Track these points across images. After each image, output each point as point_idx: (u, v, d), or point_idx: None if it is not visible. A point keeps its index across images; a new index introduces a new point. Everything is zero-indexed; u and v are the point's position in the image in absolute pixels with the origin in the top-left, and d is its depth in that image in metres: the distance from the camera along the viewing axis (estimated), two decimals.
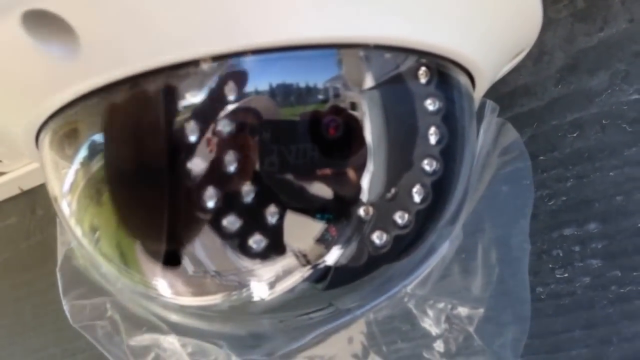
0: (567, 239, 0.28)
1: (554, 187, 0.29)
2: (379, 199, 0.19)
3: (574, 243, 0.28)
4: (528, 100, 0.30)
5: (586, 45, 0.28)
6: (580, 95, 0.28)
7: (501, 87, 0.30)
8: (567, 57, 0.29)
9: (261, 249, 0.19)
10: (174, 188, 0.18)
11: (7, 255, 0.49)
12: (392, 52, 0.19)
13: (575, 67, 0.29)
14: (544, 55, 0.29)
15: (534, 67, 0.29)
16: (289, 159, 0.18)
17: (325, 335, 0.24)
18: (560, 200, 0.29)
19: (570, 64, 0.29)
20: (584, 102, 0.28)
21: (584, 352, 0.28)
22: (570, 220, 0.28)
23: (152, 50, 0.17)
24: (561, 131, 0.29)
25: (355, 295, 0.22)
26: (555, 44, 0.29)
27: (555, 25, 0.29)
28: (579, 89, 0.28)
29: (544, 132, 0.29)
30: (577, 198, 0.28)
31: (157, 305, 0.23)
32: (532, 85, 0.29)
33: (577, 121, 0.28)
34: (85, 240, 0.21)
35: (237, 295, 0.20)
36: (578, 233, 0.28)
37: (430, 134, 0.20)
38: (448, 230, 0.23)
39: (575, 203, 0.28)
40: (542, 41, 0.29)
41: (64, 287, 0.25)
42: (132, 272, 0.21)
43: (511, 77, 0.30)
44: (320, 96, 0.18)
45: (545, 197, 0.29)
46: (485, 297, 0.24)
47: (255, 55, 0.17)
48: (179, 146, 0.18)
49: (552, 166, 0.29)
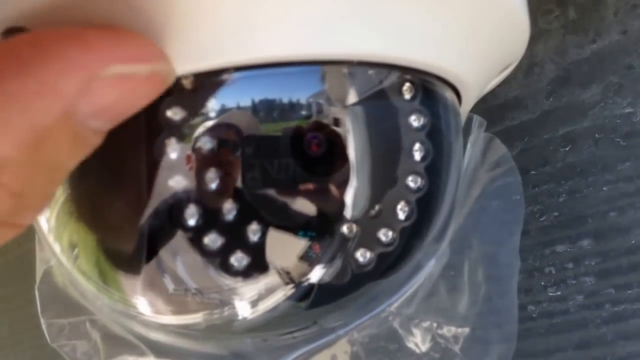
0: (560, 255, 0.28)
1: (546, 203, 0.28)
2: (362, 216, 0.19)
3: (567, 260, 0.28)
4: (519, 113, 0.29)
5: (578, 57, 0.28)
6: (573, 108, 0.28)
7: (491, 100, 0.30)
8: (558, 69, 0.28)
9: (243, 267, 0.18)
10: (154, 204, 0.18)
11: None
12: (376, 69, 0.18)
13: (567, 80, 0.28)
14: (534, 67, 0.29)
15: (524, 80, 0.29)
16: (271, 176, 0.18)
17: (308, 354, 0.23)
18: (552, 216, 0.28)
19: (562, 77, 0.28)
20: (576, 115, 0.28)
21: None
22: (563, 237, 0.28)
23: None
24: (553, 145, 0.28)
25: (339, 314, 0.22)
26: (546, 55, 0.29)
27: (546, 37, 0.29)
28: (571, 101, 0.28)
29: (535, 146, 0.29)
30: (570, 214, 0.28)
31: (138, 323, 0.23)
32: (523, 98, 0.29)
33: (569, 135, 0.28)
34: (63, 257, 0.21)
35: (219, 313, 0.20)
36: (571, 250, 0.28)
37: (414, 150, 0.19)
38: (434, 247, 0.22)
39: (568, 219, 0.28)
40: (532, 53, 0.29)
41: (42, 305, 0.24)
42: (112, 290, 0.21)
43: (501, 89, 0.29)
44: (303, 112, 0.18)
45: (537, 212, 0.28)
46: (472, 315, 0.23)
47: (237, 72, 0.17)
48: (159, 163, 0.17)
49: (544, 181, 0.28)
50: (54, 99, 0.12)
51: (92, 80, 0.13)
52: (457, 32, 0.18)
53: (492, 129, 0.29)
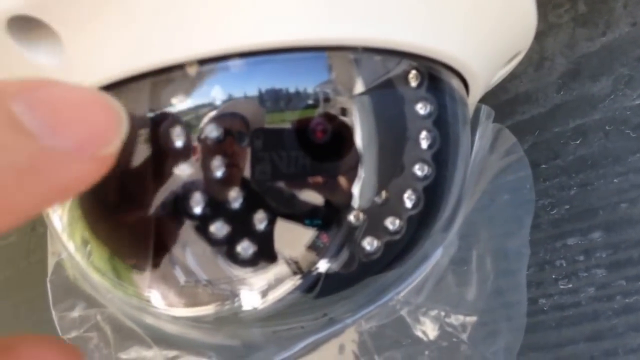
0: (571, 248, 0.28)
1: (557, 196, 0.28)
2: (369, 204, 0.19)
3: (578, 253, 0.27)
4: (529, 107, 0.29)
5: (588, 50, 0.28)
6: (583, 101, 0.28)
7: (501, 94, 0.29)
8: (568, 62, 0.28)
9: (249, 256, 0.18)
10: (161, 194, 0.18)
11: (8, 273, 0.50)
12: (382, 55, 0.18)
13: (577, 73, 0.28)
14: (545, 62, 0.29)
15: (535, 74, 0.29)
16: (277, 165, 0.18)
17: (316, 344, 0.23)
18: (563, 209, 0.28)
19: (572, 70, 0.28)
20: (587, 108, 0.28)
21: None
22: (574, 230, 0.28)
23: (137, 55, 0.16)
24: (564, 138, 0.28)
25: (347, 304, 0.22)
26: (556, 49, 0.28)
27: (556, 30, 0.28)
28: (582, 95, 0.28)
29: (545, 140, 0.29)
30: (581, 206, 0.28)
31: (150, 316, 0.23)
32: (534, 92, 0.29)
33: (579, 128, 0.28)
34: (78, 254, 0.21)
35: (229, 304, 0.20)
36: (582, 242, 0.27)
37: (421, 139, 0.19)
38: (442, 237, 0.22)
39: (579, 212, 0.28)
40: (542, 47, 0.29)
41: (54, 298, 0.25)
42: (126, 285, 0.21)
43: (512, 84, 0.29)
44: (309, 100, 0.18)
45: (548, 206, 0.28)
46: (480, 304, 0.23)
47: (242, 59, 0.17)
48: (165, 152, 0.17)
49: (555, 174, 0.28)
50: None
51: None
52: (466, 18, 0.18)
53: (503, 123, 0.29)
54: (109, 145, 0.13)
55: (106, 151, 0.13)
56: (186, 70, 0.17)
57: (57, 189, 0.13)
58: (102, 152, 0.13)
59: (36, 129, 0.12)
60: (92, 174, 0.13)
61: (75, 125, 0.13)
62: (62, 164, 0.12)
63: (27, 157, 0.12)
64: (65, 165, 0.12)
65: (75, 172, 0.13)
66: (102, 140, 0.13)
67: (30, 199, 0.12)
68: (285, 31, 0.16)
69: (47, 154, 0.12)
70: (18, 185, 0.12)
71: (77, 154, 0.13)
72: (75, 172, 0.13)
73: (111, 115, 0.13)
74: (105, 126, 0.13)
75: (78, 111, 0.13)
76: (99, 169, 0.13)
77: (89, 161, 0.13)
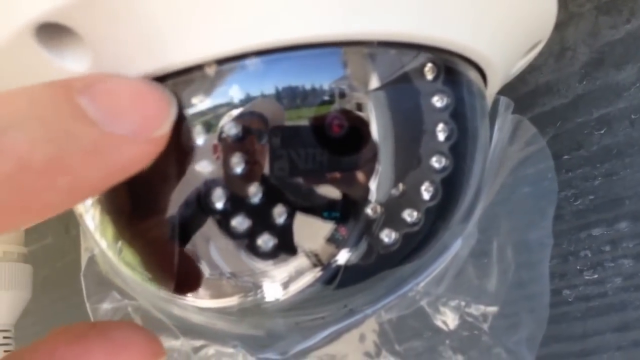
0: (596, 239, 0.28)
1: (580, 187, 0.28)
2: (387, 197, 0.19)
3: (604, 243, 0.27)
4: (550, 98, 0.29)
5: (612, 39, 0.28)
6: (607, 90, 0.28)
7: (522, 86, 0.29)
8: (591, 51, 0.28)
9: (270, 249, 0.19)
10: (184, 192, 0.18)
11: (45, 273, 0.52)
12: (397, 49, 0.18)
13: (601, 62, 0.28)
14: (566, 52, 0.29)
15: (556, 65, 0.29)
16: (295, 160, 0.18)
17: (337, 334, 0.24)
18: (587, 200, 0.28)
19: (596, 59, 0.28)
20: (611, 97, 0.28)
21: (617, 355, 0.27)
22: (599, 220, 0.27)
23: (158, 58, 0.17)
24: (587, 128, 0.28)
25: (367, 295, 0.22)
26: (578, 39, 0.28)
27: (577, 20, 0.28)
28: (606, 84, 0.28)
29: (568, 131, 0.28)
30: (606, 196, 0.27)
31: (178, 308, 0.24)
32: (555, 83, 0.29)
33: (604, 117, 0.28)
34: (109, 251, 0.22)
35: (252, 296, 0.21)
36: (608, 233, 0.27)
37: (438, 131, 0.19)
38: (460, 228, 0.22)
39: (604, 202, 0.27)
40: (563, 37, 0.29)
41: (87, 291, 0.26)
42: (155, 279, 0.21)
43: (532, 76, 0.29)
44: (325, 96, 0.18)
45: (571, 197, 0.28)
46: (500, 295, 0.23)
47: (258, 57, 0.17)
48: (187, 150, 0.18)
49: (578, 165, 0.28)
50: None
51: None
52: (480, 8, 0.18)
53: (524, 115, 0.29)
54: (160, 128, 0.16)
55: (158, 133, 0.15)
56: (205, 71, 0.17)
57: (118, 168, 0.15)
58: (155, 134, 0.15)
59: (98, 117, 0.14)
60: (147, 154, 0.15)
61: (130, 112, 0.15)
62: (121, 146, 0.14)
63: (91, 142, 0.14)
64: (123, 147, 0.14)
65: (133, 152, 0.15)
66: (155, 124, 0.15)
67: (95, 177, 0.14)
68: (300, 28, 0.17)
69: (107, 138, 0.14)
70: (84, 165, 0.14)
71: (134, 137, 0.15)
72: (132, 153, 0.15)
73: (161, 102, 0.16)
74: (157, 112, 0.16)
75: (133, 100, 0.15)
76: (153, 150, 0.15)
77: (144, 143, 0.15)
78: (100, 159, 0.14)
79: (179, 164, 0.18)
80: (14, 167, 0.13)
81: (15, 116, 0.13)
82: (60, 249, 0.52)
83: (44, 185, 0.13)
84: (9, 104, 0.14)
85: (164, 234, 0.20)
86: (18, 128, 0.13)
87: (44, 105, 0.14)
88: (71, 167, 0.14)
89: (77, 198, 0.15)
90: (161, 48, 0.17)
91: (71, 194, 0.14)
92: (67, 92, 0.14)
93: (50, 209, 0.14)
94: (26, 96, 0.14)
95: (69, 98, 0.14)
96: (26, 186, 0.13)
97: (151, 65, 0.17)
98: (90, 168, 0.14)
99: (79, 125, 0.14)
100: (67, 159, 0.13)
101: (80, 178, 0.14)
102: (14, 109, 0.14)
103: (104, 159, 0.14)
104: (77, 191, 0.14)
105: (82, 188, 0.14)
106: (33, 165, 0.13)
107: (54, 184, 0.13)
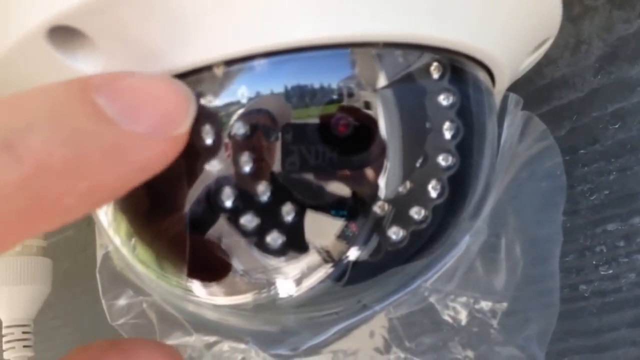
0: (611, 234, 0.27)
1: (596, 181, 0.28)
2: (394, 195, 0.19)
3: (618, 238, 0.27)
4: (566, 92, 0.29)
5: (626, 33, 0.27)
6: (621, 84, 0.27)
7: (538, 80, 0.29)
8: (605, 45, 0.28)
9: (278, 246, 0.19)
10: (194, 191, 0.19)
11: (67, 265, 0.52)
12: (402, 49, 0.19)
13: (614, 56, 0.28)
14: (581, 45, 0.28)
15: (571, 58, 0.29)
16: (304, 158, 0.18)
17: (347, 330, 0.24)
18: (602, 195, 0.28)
19: (610, 53, 0.28)
20: (625, 91, 0.27)
21: (632, 350, 0.27)
22: (614, 215, 0.27)
23: (167, 59, 0.17)
24: (602, 123, 0.28)
25: (378, 291, 0.22)
26: (592, 32, 0.28)
27: (592, 13, 0.28)
28: (620, 78, 0.27)
29: (584, 125, 0.28)
30: (621, 191, 0.27)
31: (193, 305, 0.24)
32: (570, 76, 0.29)
33: (618, 112, 0.27)
34: (123, 248, 0.22)
35: (266, 292, 0.21)
36: (622, 228, 0.27)
37: (445, 129, 0.19)
38: (469, 225, 0.22)
39: (619, 197, 0.27)
40: (578, 30, 0.28)
41: (103, 288, 0.26)
42: (169, 277, 0.22)
43: (548, 69, 0.29)
44: (332, 96, 0.18)
45: (587, 191, 0.28)
46: (509, 291, 0.23)
47: (267, 58, 0.18)
48: (197, 150, 0.18)
49: (594, 159, 0.28)
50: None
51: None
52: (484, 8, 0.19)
53: (540, 109, 0.29)
54: (180, 126, 0.15)
55: (178, 131, 0.15)
56: (214, 71, 0.18)
57: (138, 168, 0.14)
58: (174, 132, 0.15)
59: (117, 116, 0.14)
60: (167, 153, 0.15)
61: (150, 111, 0.15)
62: (141, 145, 0.14)
63: (111, 142, 0.14)
64: (143, 146, 0.14)
65: (153, 151, 0.14)
66: (174, 122, 0.15)
67: (115, 178, 0.14)
68: (307, 31, 0.17)
69: (127, 137, 0.14)
70: (104, 165, 0.13)
71: (153, 136, 0.14)
72: (152, 152, 0.14)
73: (181, 100, 0.15)
74: (176, 110, 0.15)
75: (151, 98, 0.15)
76: (173, 148, 0.15)
77: (164, 141, 0.15)
78: (120, 159, 0.14)
79: (190, 162, 0.18)
80: (33, 170, 0.12)
81: (32, 118, 0.13)
82: (81, 241, 0.52)
83: (63, 188, 0.13)
84: (25, 106, 0.13)
85: (177, 232, 0.20)
86: (35, 130, 0.13)
87: (60, 105, 0.14)
88: (91, 168, 0.13)
89: (98, 201, 0.14)
90: (170, 50, 0.17)
91: (91, 196, 0.14)
92: (84, 91, 0.14)
93: (70, 213, 0.13)
94: (42, 97, 0.14)
95: (86, 97, 0.14)
96: (45, 190, 0.13)
97: (160, 66, 0.17)
98: (110, 169, 0.14)
99: (97, 125, 0.14)
100: (86, 160, 0.13)
101: (100, 179, 0.13)
102: (30, 110, 0.13)
103: (124, 159, 0.14)
104: (98, 193, 0.14)
105: (103, 190, 0.14)
106: (52, 168, 0.13)
107: (73, 187, 0.13)
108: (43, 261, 0.43)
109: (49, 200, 0.13)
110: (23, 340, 0.42)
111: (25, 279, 0.42)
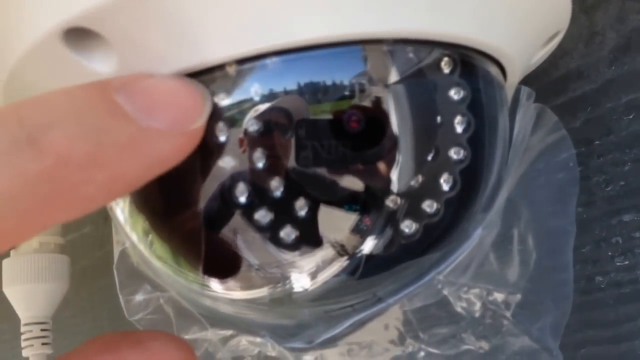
0: (627, 225, 0.27)
1: (611, 172, 0.28)
2: (406, 189, 0.19)
3: (634, 229, 0.27)
4: (581, 83, 0.29)
5: (638, 24, 0.27)
6: (635, 75, 0.27)
7: (553, 71, 0.29)
8: (619, 36, 0.28)
9: (292, 240, 0.19)
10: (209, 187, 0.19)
11: (84, 262, 0.53)
12: (413, 45, 0.19)
13: (628, 47, 0.27)
14: (595, 37, 0.28)
15: (585, 49, 0.29)
16: (317, 154, 0.18)
17: (361, 323, 0.24)
18: (618, 186, 0.28)
19: (623, 44, 0.28)
20: (639, 82, 0.27)
21: None
22: (630, 206, 0.27)
23: (181, 58, 0.18)
24: (616, 114, 0.28)
25: (392, 284, 0.22)
26: (606, 24, 0.28)
27: (605, 5, 0.28)
28: (633, 69, 0.27)
29: (598, 116, 0.28)
30: (636, 182, 0.27)
31: (209, 299, 0.24)
32: (585, 68, 0.29)
33: (632, 102, 0.27)
34: (141, 245, 0.23)
35: (282, 286, 0.21)
36: (638, 218, 0.27)
37: (456, 123, 0.20)
38: (481, 217, 0.23)
39: (634, 187, 0.27)
40: (592, 21, 0.28)
41: (120, 283, 0.27)
42: (186, 272, 0.22)
43: (562, 61, 0.29)
44: (345, 92, 0.18)
45: (602, 182, 0.28)
46: (523, 282, 0.24)
47: (279, 56, 0.18)
48: (211, 147, 0.18)
49: (608, 150, 0.28)
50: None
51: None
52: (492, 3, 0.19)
53: (555, 101, 0.29)
54: (195, 121, 0.16)
55: (194, 126, 0.16)
56: (226, 70, 0.18)
57: (155, 160, 0.15)
58: (189, 128, 0.16)
59: (136, 113, 0.15)
60: (183, 148, 0.16)
61: (166, 108, 0.16)
62: (158, 139, 0.15)
63: (129, 136, 0.14)
64: (160, 140, 0.15)
65: (169, 146, 0.15)
66: (190, 118, 0.16)
67: (133, 171, 0.15)
68: (318, 29, 0.17)
69: (144, 132, 0.15)
70: (122, 159, 0.14)
71: (170, 130, 0.15)
72: (169, 146, 0.15)
73: (196, 97, 0.16)
74: (193, 105, 0.16)
75: (168, 96, 0.16)
76: (189, 142, 0.16)
77: (179, 136, 0.16)
78: (137, 152, 0.15)
79: (204, 160, 0.19)
80: (54, 162, 0.13)
81: (54, 116, 0.14)
82: (99, 238, 0.52)
83: (83, 179, 0.14)
84: (48, 105, 0.14)
85: (193, 228, 0.21)
86: (57, 126, 0.14)
87: (81, 103, 0.14)
88: (109, 161, 0.14)
89: (116, 192, 0.15)
90: (183, 49, 0.17)
91: (110, 188, 0.14)
92: (104, 91, 0.15)
93: (89, 204, 0.14)
94: (65, 96, 0.15)
95: (106, 96, 0.15)
96: (66, 181, 0.14)
97: (174, 65, 0.18)
98: (128, 162, 0.14)
99: (116, 121, 0.14)
100: (105, 154, 0.14)
101: (118, 172, 0.14)
102: (53, 109, 0.14)
103: (141, 153, 0.15)
104: (116, 185, 0.15)
105: (121, 182, 0.15)
106: (72, 161, 0.14)
107: (93, 179, 0.14)
108: (61, 258, 0.43)
109: (69, 189, 0.14)
110: (41, 337, 0.42)
111: (43, 277, 0.42)
